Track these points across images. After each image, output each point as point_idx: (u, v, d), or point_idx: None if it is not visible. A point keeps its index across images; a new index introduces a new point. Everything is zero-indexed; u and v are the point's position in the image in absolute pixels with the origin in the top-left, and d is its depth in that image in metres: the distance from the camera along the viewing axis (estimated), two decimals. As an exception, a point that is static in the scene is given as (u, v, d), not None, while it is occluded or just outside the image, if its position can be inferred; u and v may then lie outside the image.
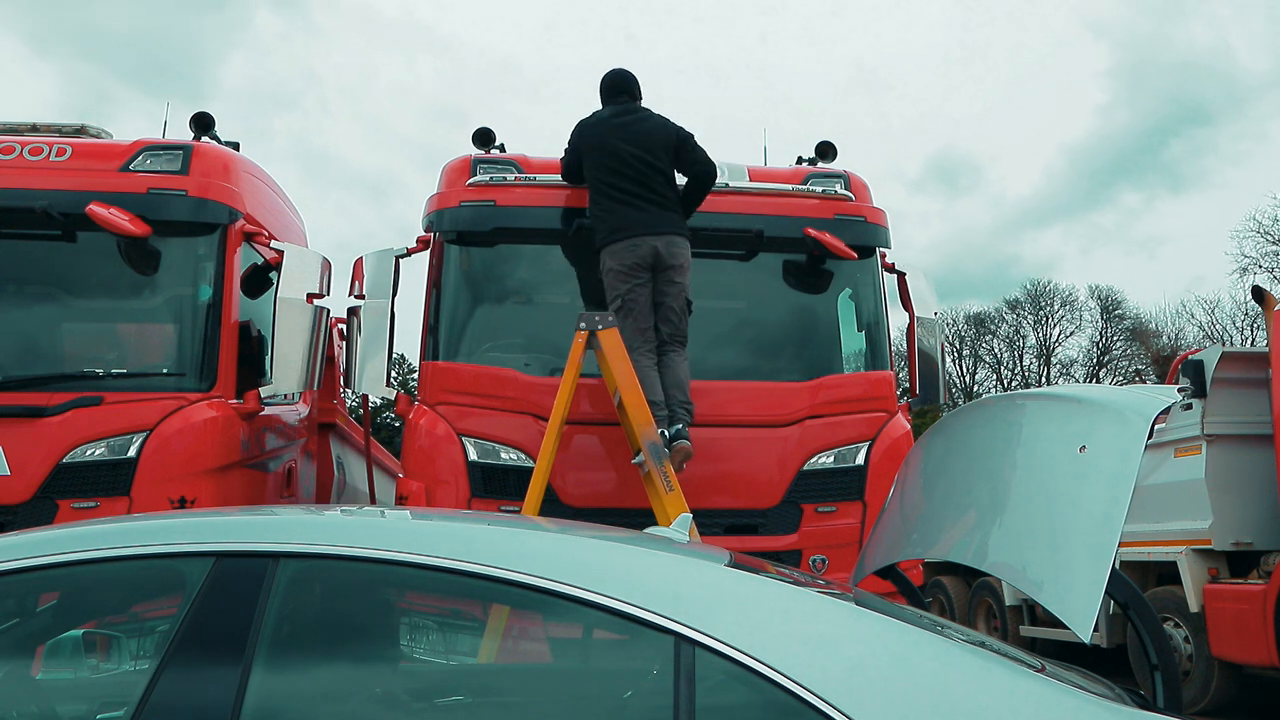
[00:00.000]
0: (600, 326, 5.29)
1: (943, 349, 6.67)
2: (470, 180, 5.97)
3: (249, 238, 5.94)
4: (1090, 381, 40.04)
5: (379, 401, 8.00)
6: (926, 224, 60.29)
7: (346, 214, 64.70)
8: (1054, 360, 43.42)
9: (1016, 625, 11.14)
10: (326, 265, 6.11)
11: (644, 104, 5.85)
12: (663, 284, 5.46)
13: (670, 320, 5.45)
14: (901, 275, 6.51)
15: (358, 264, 5.97)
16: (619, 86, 5.81)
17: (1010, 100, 63.84)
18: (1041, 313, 43.88)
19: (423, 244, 6.08)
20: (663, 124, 5.66)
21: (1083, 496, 2.54)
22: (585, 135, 5.66)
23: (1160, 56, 55.02)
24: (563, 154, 5.83)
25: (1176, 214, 57.93)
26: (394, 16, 70.12)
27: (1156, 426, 2.58)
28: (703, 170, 5.63)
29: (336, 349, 7.60)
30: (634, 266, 5.41)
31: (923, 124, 68.57)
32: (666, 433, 5.20)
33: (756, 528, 5.64)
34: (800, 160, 6.62)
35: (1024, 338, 44.32)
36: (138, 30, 65.52)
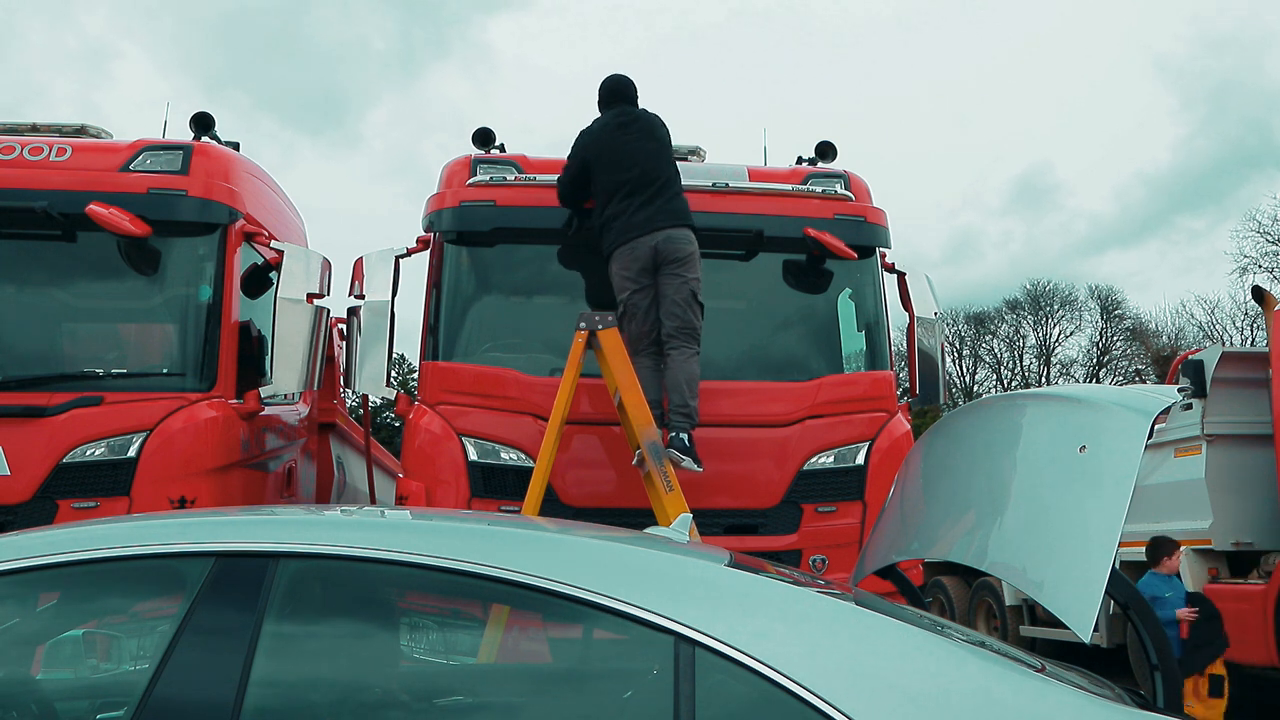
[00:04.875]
0: (600, 326, 5.29)
1: (943, 349, 6.66)
2: (470, 180, 5.96)
3: (249, 238, 5.94)
4: (1090, 381, 40.00)
5: (379, 401, 7.98)
6: (1006, 243, 62.27)
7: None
8: (1054, 360, 43.40)
9: (1016, 625, 11.14)
10: (326, 265, 6.11)
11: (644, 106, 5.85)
12: (664, 278, 5.42)
13: (674, 314, 5.39)
14: (901, 275, 6.50)
15: (358, 264, 5.96)
16: (618, 92, 5.80)
17: (1088, 131, 65.70)
18: (1041, 313, 43.86)
19: (423, 244, 6.07)
20: (661, 121, 5.71)
21: (1083, 496, 2.54)
22: (592, 142, 5.64)
23: (1242, 89, 56.03)
24: (564, 168, 5.76)
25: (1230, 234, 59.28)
26: (513, 58, 74.91)
27: (1156, 426, 2.58)
28: None
29: (336, 349, 7.60)
30: (636, 271, 5.41)
31: (1004, 150, 71.72)
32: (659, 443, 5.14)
33: (756, 528, 5.64)
34: (800, 160, 6.62)
35: (1024, 338, 44.31)
36: (298, 76, 71.97)
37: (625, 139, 5.58)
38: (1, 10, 61.97)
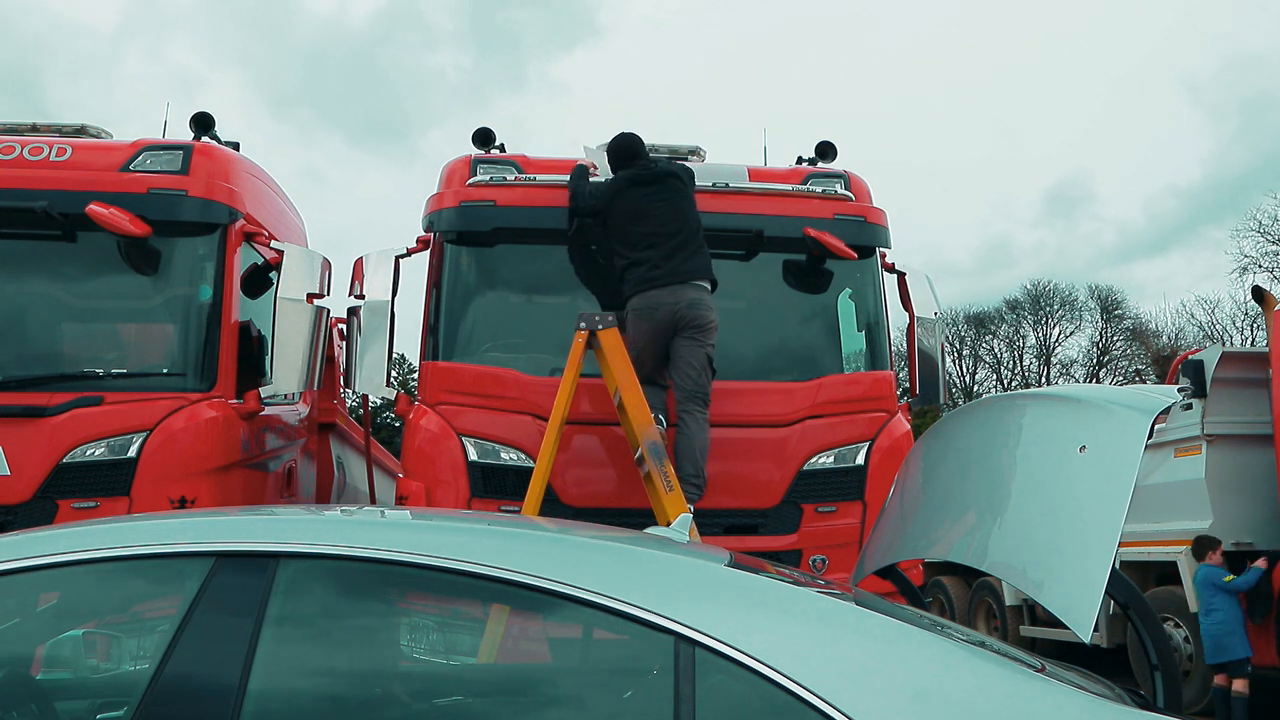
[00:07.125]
0: (600, 326, 5.29)
1: (943, 349, 6.66)
2: (470, 180, 5.97)
3: (249, 238, 5.94)
4: (1090, 381, 39.99)
5: (379, 401, 7.99)
6: (1039, 252, 63.21)
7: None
8: (1054, 360, 43.37)
9: (1016, 625, 11.14)
10: (326, 265, 6.11)
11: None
12: (681, 340, 5.42)
13: (688, 377, 5.40)
14: (901, 275, 6.50)
15: (358, 264, 5.97)
16: (633, 151, 5.77)
17: (1124, 144, 67.07)
18: (1041, 313, 43.83)
19: (423, 244, 6.08)
20: (686, 173, 5.72)
21: (1083, 496, 2.54)
22: (618, 194, 5.61)
23: (1275, 103, 56.37)
24: (580, 192, 5.74)
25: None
26: (583, 88, 76.23)
27: (1156, 426, 2.58)
28: None
29: (336, 349, 7.60)
30: (653, 328, 5.42)
31: (1040, 161, 72.21)
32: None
33: (756, 528, 5.64)
34: (800, 160, 6.62)
35: (1024, 338, 44.26)
36: (365, 101, 73.73)
37: (647, 193, 5.57)
38: (108, 42, 68.74)
